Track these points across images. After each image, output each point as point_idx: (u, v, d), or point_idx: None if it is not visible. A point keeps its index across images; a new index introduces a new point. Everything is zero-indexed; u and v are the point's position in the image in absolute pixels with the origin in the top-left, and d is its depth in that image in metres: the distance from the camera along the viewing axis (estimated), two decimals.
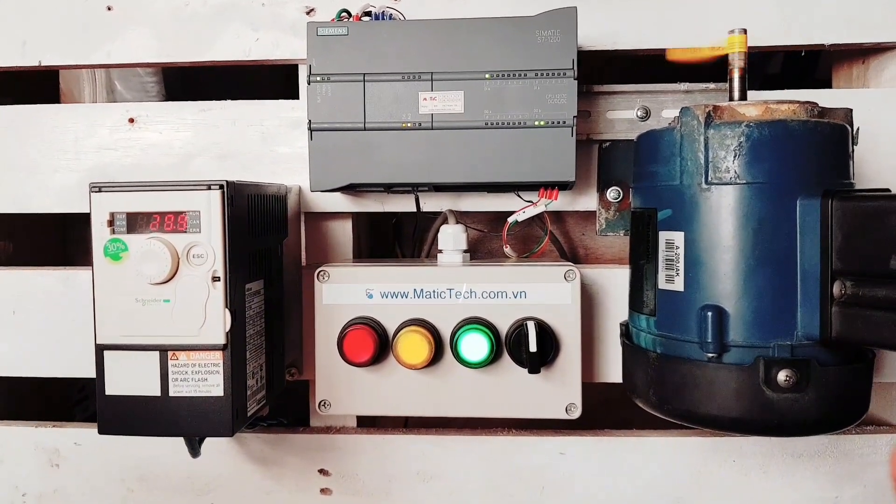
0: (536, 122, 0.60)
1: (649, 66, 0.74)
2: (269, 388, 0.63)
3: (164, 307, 0.54)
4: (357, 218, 0.75)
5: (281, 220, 0.66)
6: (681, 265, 0.54)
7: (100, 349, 0.55)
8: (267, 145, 0.72)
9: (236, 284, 0.56)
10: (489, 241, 0.82)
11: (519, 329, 0.60)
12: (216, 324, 0.54)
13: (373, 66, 0.61)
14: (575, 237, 0.83)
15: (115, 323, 0.55)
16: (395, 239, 0.83)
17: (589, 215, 0.80)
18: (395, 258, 0.82)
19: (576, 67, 0.59)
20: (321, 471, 0.72)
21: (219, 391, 0.54)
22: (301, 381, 0.72)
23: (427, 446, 0.71)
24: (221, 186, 0.54)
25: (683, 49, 0.68)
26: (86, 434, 0.73)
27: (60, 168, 0.73)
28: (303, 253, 0.72)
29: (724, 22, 0.65)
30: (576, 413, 0.62)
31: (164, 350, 0.54)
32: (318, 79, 0.61)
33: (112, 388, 0.55)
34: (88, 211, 0.55)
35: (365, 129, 0.61)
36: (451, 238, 0.66)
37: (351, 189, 0.64)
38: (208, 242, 0.54)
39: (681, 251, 0.54)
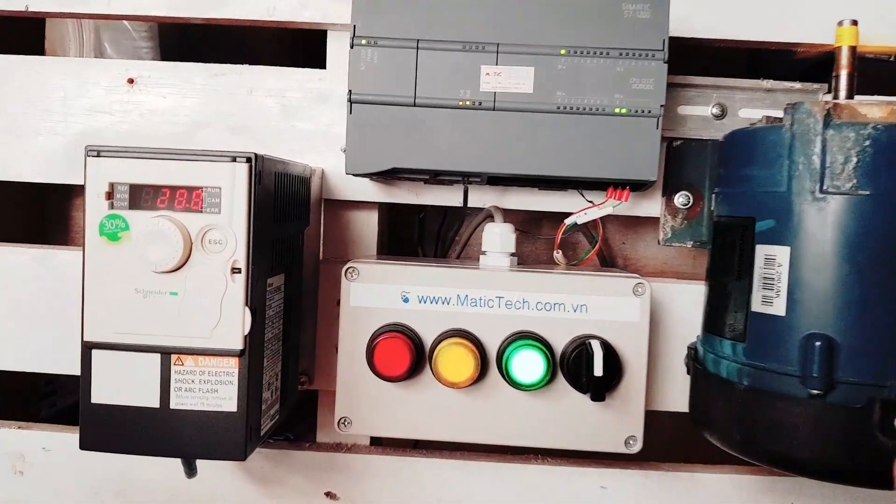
0: (617, 110, 0.51)
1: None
2: (283, 400, 0.54)
3: (171, 301, 0.45)
4: (382, 209, 0.66)
5: (304, 205, 0.57)
6: (783, 285, 0.46)
7: (87, 347, 0.45)
8: (288, 119, 0.63)
9: (258, 278, 0.46)
10: (520, 244, 0.74)
11: (580, 348, 0.52)
12: (233, 324, 0.45)
13: (429, 31, 0.52)
14: (615, 246, 0.76)
15: (109, 317, 0.45)
16: (420, 236, 0.74)
17: (632, 222, 0.72)
18: (427, 258, 0.73)
19: (667, 49, 0.51)
20: (328, 493, 0.63)
21: (231, 405, 0.45)
22: (309, 391, 0.63)
23: (450, 472, 0.62)
24: (249, 160, 0.44)
25: None
26: (57, 438, 0.63)
27: (44, 130, 0.63)
28: (320, 245, 0.63)
29: (821, 14, 0.58)
30: (636, 447, 0.54)
31: (166, 353, 0.45)
32: (364, 42, 0.52)
33: (100, 395, 0.45)
34: (73, 182, 0.46)
35: (415, 105, 0.52)
36: (499, 238, 0.58)
37: (392, 174, 0.55)
38: (229, 226, 0.45)
39: (784, 269, 0.46)
